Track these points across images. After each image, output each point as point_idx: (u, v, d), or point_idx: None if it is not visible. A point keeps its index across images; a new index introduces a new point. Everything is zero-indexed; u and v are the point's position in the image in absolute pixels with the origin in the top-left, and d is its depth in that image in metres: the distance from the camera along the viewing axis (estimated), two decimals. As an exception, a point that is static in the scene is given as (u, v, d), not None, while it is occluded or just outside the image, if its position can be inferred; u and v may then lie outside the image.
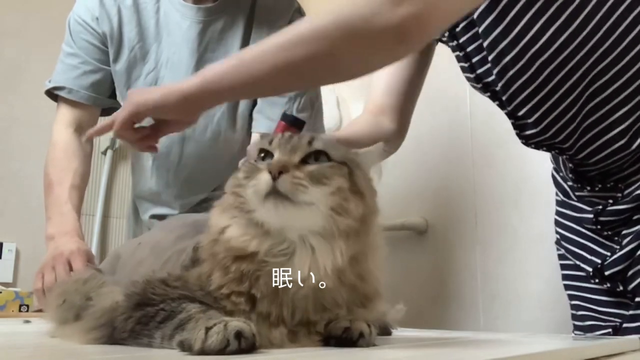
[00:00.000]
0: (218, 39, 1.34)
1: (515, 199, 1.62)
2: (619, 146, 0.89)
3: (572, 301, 1.03)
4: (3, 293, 1.71)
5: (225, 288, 0.56)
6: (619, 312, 0.93)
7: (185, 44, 1.34)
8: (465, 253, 1.73)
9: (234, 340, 0.48)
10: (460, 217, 1.76)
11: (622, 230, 0.91)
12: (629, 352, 0.63)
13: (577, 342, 0.69)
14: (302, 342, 0.57)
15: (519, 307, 1.58)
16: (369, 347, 0.57)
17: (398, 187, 1.85)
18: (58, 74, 1.39)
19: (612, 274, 0.91)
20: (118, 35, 1.34)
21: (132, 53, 1.34)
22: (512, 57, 0.88)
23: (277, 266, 0.55)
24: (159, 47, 1.35)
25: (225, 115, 1.34)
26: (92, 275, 0.75)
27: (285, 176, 0.53)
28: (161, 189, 1.42)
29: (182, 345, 0.49)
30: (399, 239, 1.84)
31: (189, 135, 1.34)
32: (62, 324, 0.70)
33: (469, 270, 1.71)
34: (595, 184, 0.95)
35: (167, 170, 1.39)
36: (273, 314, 0.56)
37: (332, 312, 0.58)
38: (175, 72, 1.34)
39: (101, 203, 2.33)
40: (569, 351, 0.59)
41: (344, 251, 0.55)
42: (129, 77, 1.36)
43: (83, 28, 1.36)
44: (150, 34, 1.35)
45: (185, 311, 0.53)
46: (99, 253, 2.29)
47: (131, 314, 0.57)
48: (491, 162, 1.71)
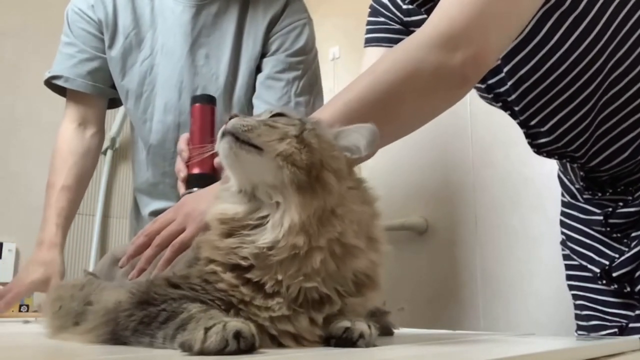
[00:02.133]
0: (212, 23, 1.35)
1: (515, 199, 1.62)
2: (630, 153, 0.89)
3: (576, 301, 1.03)
4: (3, 293, 1.71)
5: (216, 264, 0.58)
6: (625, 313, 0.93)
7: (179, 29, 1.34)
8: (465, 253, 1.73)
9: (233, 341, 0.48)
10: (460, 217, 1.76)
11: (631, 233, 0.92)
12: (629, 352, 0.63)
13: (577, 342, 0.69)
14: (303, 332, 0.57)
15: (519, 307, 1.58)
16: (368, 347, 0.57)
17: (398, 187, 1.85)
18: (56, 64, 1.40)
19: (619, 275, 0.91)
20: (113, 22, 1.35)
21: (128, 40, 1.35)
22: (529, 70, 0.87)
23: (256, 231, 0.58)
24: (154, 34, 1.36)
25: (220, 101, 1.33)
26: (89, 281, 0.74)
27: (235, 119, 0.60)
28: (158, 179, 1.42)
29: (183, 345, 0.49)
30: (399, 239, 1.84)
31: (184, 122, 1.34)
32: (60, 331, 0.70)
33: (469, 270, 1.71)
34: (606, 188, 0.95)
35: (163, 159, 1.39)
36: (267, 284, 0.57)
37: (321, 284, 0.58)
38: (170, 58, 1.35)
39: (101, 203, 2.33)
40: (569, 351, 0.59)
41: (299, 205, 0.57)
42: (124, 64, 1.36)
43: (79, 17, 1.38)
44: (145, 21, 1.36)
45: (187, 311, 0.53)
46: (99, 253, 2.29)
47: (134, 312, 0.57)
48: (491, 163, 1.71)
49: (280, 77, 1.32)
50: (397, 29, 1.05)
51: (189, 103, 1.32)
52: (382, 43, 1.06)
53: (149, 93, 1.37)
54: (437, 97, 0.75)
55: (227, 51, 1.34)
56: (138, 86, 1.37)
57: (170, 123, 1.35)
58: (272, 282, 0.57)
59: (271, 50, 1.34)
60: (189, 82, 1.34)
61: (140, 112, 1.38)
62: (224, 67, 1.34)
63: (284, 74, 1.33)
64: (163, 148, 1.37)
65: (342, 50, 2.26)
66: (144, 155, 1.43)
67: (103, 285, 0.70)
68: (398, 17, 1.05)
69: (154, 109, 1.37)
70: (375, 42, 1.07)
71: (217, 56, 1.35)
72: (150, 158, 1.41)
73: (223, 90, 1.34)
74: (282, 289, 0.57)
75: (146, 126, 1.39)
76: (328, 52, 2.26)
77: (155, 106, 1.37)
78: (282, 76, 1.32)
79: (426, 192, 1.86)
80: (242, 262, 0.57)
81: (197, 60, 1.35)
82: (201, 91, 1.33)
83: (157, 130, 1.37)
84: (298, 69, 1.33)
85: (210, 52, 1.35)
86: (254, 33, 1.35)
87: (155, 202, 1.46)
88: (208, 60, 1.34)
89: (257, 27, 1.35)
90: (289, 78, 1.31)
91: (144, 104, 1.37)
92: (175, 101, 1.35)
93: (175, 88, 1.35)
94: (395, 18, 1.06)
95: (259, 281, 0.57)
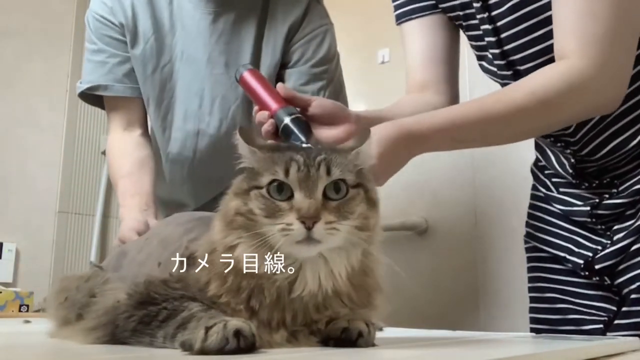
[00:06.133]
0: (231, 31, 1.31)
1: (515, 199, 1.62)
2: (621, 141, 0.90)
3: (544, 294, 1.02)
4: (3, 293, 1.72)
5: (223, 297, 0.56)
6: (605, 306, 0.93)
7: (198, 36, 1.31)
8: (465, 253, 1.73)
9: (233, 339, 0.48)
10: (460, 217, 1.76)
11: (613, 225, 0.92)
12: (629, 352, 0.63)
13: (577, 342, 0.69)
14: (301, 343, 0.57)
15: (519, 307, 1.58)
16: (368, 346, 0.57)
17: (398, 187, 1.85)
18: (89, 74, 1.34)
19: (601, 268, 0.91)
20: (133, 26, 1.32)
21: (148, 45, 1.31)
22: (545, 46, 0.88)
23: (285, 281, 0.56)
24: (173, 40, 1.32)
25: (240, 109, 1.31)
26: (95, 273, 0.74)
27: (319, 225, 0.54)
28: (176, 188, 1.39)
29: (184, 344, 0.50)
30: (399, 239, 1.84)
31: (203, 129, 1.31)
32: (63, 325, 0.70)
33: (469, 270, 1.71)
34: (592, 180, 0.96)
35: (181, 166, 1.36)
36: (274, 320, 0.56)
37: (334, 311, 0.58)
38: (190, 65, 1.31)
39: (101, 203, 2.33)
40: (569, 351, 0.59)
41: (359, 257, 0.57)
42: (145, 70, 1.32)
43: (101, 24, 1.34)
44: (164, 26, 1.32)
45: (188, 309, 0.54)
46: (99, 253, 2.29)
47: (133, 313, 0.57)
48: (491, 162, 1.71)
49: (306, 90, 1.28)
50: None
51: (208, 111, 1.31)
52: (409, 17, 1.05)
53: (168, 100, 1.34)
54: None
55: (246, 59, 1.30)
56: (159, 93, 1.33)
57: (190, 130, 1.32)
58: (279, 318, 0.56)
59: (293, 60, 1.31)
60: (209, 90, 1.32)
61: (161, 120, 1.35)
62: None
63: (309, 86, 1.29)
64: (181, 155, 1.34)
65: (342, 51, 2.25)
66: (162, 163, 1.39)
67: (107, 277, 0.70)
68: None
69: (173, 116, 1.34)
70: (404, 17, 1.06)
71: (236, 64, 1.28)
72: (169, 165, 1.38)
73: (242, 98, 1.30)
74: (289, 321, 0.57)
75: (165, 134, 1.36)
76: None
77: (175, 113, 1.34)
78: (307, 88, 1.28)
79: (426, 192, 1.86)
80: (254, 304, 0.56)
81: (216, 68, 1.31)
82: (221, 100, 1.31)
83: (176, 138, 1.34)
84: (323, 79, 1.30)
85: (230, 60, 1.31)
86: (273, 40, 1.31)
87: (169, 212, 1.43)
88: (227, 68, 1.31)
89: (276, 35, 1.31)
90: (314, 89, 1.28)
91: (164, 111, 1.34)
92: (196, 109, 1.32)
93: (196, 96, 1.32)
94: None
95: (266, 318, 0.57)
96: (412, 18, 1.04)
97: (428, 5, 1.03)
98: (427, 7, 1.03)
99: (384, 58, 2.10)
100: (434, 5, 1.03)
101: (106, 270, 0.75)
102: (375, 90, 2.03)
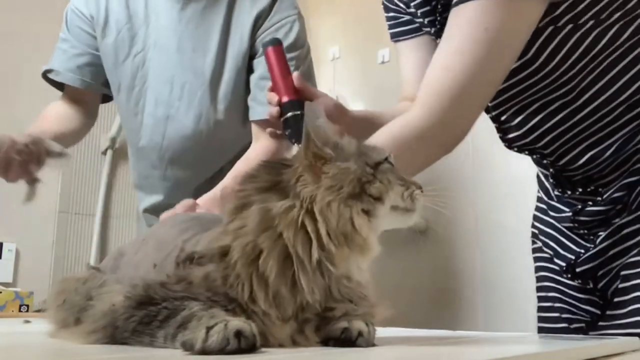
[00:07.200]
0: (200, 17, 1.35)
1: (515, 199, 1.62)
2: (596, 152, 0.91)
3: (549, 293, 1.04)
4: (3, 293, 1.72)
5: (255, 299, 0.56)
6: (589, 309, 0.95)
7: (169, 24, 1.36)
8: (465, 253, 1.73)
9: (234, 339, 0.48)
10: (460, 217, 1.76)
11: (598, 231, 0.94)
12: (629, 352, 0.63)
13: (577, 342, 0.69)
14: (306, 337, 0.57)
15: (519, 307, 1.58)
16: (368, 346, 0.57)
17: (398, 187, 1.85)
18: (53, 58, 1.45)
19: (583, 271, 0.93)
20: (104, 16, 1.39)
21: (120, 34, 1.38)
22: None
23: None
24: (147, 30, 1.38)
25: (206, 96, 1.35)
26: (92, 275, 0.74)
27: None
28: (148, 172, 1.44)
29: (185, 344, 0.50)
30: (399, 239, 1.84)
31: (172, 115, 1.37)
32: (62, 327, 0.70)
33: (469, 270, 1.71)
34: (577, 187, 0.97)
35: (152, 150, 1.41)
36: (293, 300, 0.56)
37: (345, 304, 0.59)
38: (162, 54, 1.37)
39: (101, 203, 2.33)
40: (569, 351, 0.59)
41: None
42: (116, 58, 1.39)
43: (75, 15, 1.42)
44: (139, 17, 1.38)
45: (188, 309, 0.53)
46: (99, 253, 2.29)
47: (133, 313, 0.57)
48: (491, 162, 1.71)
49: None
50: (407, 20, 1.07)
51: (178, 97, 1.36)
52: (400, 37, 1.09)
53: (140, 87, 1.39)
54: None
55: (213, 46, 1.35)
56: (130, 79, 1.39)
57: (161, 116, 1.37)
58: (293, 312, 0.57)
59: (260, 50, 1.33)
60: (179, 76, 1.36)
61: (132, 105, 1.41)
62: (209, 61, 1.35)
63: None
64: (152, 140, 1.40)
65: (342, 51, 2.25)
66: (134, 149, 1.45)
67: (104, 280, 0.70)
68: (402, 7, 1.07)
69: (145, 102, 1.40)
70: (396, 37, 1.10)
71: (203, 50, 1.35)
72: (140, 151, 1.44)
73: (209, 85, 1.35)
74: (300, 314, 0.57)
75: (137, 119, 1.41)
76: (328, 52, 2.24)
77: (147, 99, 1.39)
78: None
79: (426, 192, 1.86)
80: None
81: (185, 54, 1.36)
82: (189, 85, 1.35)
83: (148, 123, 1.40)
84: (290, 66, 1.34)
85: (197, 46, 1.36)
86: (240, 29, 1.35)
87: (148, 198, 1.47)
88: (195, 54, 1.36)
89: (243, 23, 1.35)
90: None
91: (136, 97, 1.40)
92: (167, 95, 1.37)
93: (167, 82, 1.37)
94: (400, 9, 1.07)
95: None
96: (403, 39, 1.09)
97: (415, 28, 1.07)
98: (415, 29, 1.07)
99: (384, 58, 2.11)
100: (419, 28, 1.06)
101: (104, 272, 0.74)
102: (375, 90, 2.03)
